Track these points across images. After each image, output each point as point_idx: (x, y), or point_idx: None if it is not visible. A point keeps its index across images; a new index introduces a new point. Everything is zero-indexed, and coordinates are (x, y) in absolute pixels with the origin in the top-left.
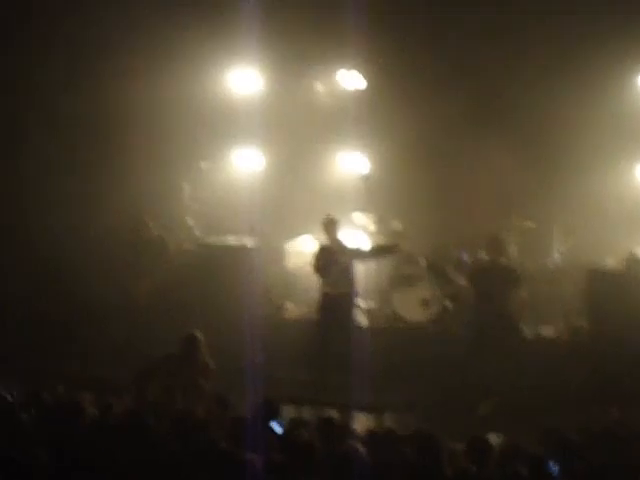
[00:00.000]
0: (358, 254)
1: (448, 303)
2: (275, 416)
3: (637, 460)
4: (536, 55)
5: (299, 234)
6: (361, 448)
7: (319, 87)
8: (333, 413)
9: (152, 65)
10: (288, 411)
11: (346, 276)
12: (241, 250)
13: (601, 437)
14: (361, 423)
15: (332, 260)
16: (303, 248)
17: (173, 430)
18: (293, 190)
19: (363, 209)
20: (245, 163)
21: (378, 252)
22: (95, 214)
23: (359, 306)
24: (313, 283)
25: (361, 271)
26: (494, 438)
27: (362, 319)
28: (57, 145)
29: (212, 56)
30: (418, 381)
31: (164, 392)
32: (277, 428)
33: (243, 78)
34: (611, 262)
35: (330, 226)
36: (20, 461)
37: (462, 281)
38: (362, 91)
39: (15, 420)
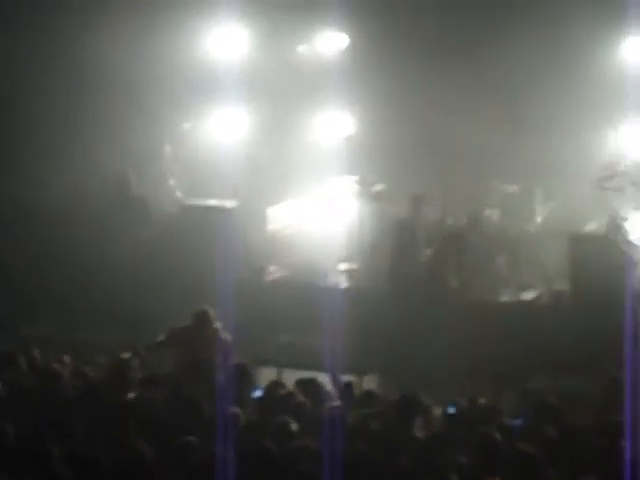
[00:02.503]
0: None
1: None
2: (248, 379)
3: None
4: (517, 19)
5: (282, 197)
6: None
7: (303, 48)
8: (313, 375)
9: (136, 23)
10: (267, 374)
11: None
12: (222, 211)
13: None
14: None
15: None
16: (285, 211)
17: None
18: (277, 153)
19: (346, 172)
20: (229, 125)
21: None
22: (78, 170)
23: (341, 267)
24: (294, 247)
25: (342, 231)
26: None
27: (342, 280)
28: (42, 100)
29: (196, 16)
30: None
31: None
32: (257, 392)
33: (227, 38)
34: (592, 226)
35: (417, 201)
36: None
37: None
38: (346, 52)
39: None
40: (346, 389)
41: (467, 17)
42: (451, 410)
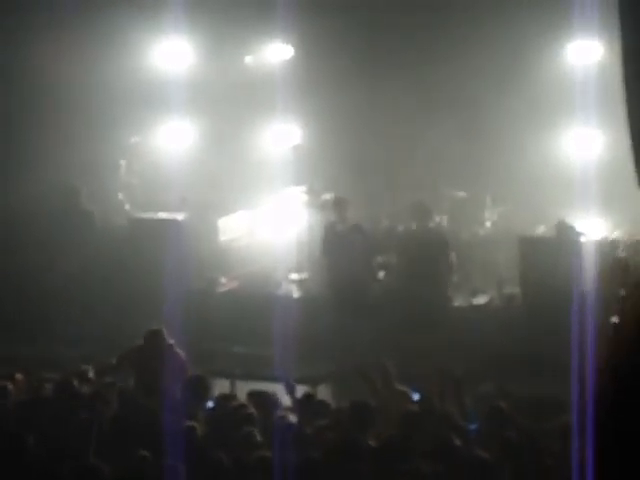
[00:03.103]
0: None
1: (380, 273)
2: (204, 391)
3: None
4: (463, 25)
5: (233, 208)
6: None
7: (249, 60)
8: (265, 386)
9: (82, 39)
10: (221, 385)
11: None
12: (172, 224)
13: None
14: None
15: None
16: (236, 222)
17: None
18: (225, 164)
19: (294, 182)
20: (176, 137)
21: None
22: (25, 185)
23: (292, 277)
24: (246, 258)
25: (293, 241)
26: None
27: (294, 290)
28: None
29: (141, 30)
30: (349, 352)
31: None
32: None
33: (173, 52)
34: (542, 229)
35: (339, 205)
36: None
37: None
38: (292, 63)
39: None
40: (306, 400)
41: (413, 24)
42: (415, 397)
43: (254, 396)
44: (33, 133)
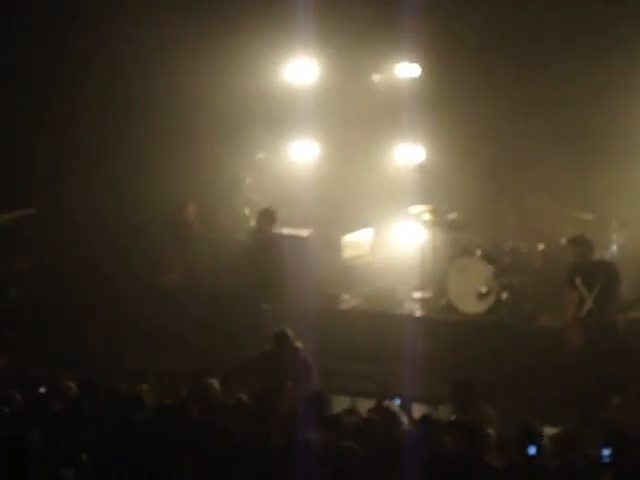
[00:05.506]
0: None
1: (504, 294)
2: (326, 407)
3: None
4: (583, 48)
5: (356, 225)
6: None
7: (376, 78)
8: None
9: (210, 57)
10: (342, 402)
11: None
12: (297, 240)
13: None
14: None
15: None
16: (360, 240)
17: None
18: (350, 182)
19: (420, 201)
20: (302, 154)
21: None
22: (155, 202)
23: (414, 296)
24: (369, 275)
25: (416, 262)
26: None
27: (416, 309)
28: (116, 131)
29: (269, 47)
30: (471, 372)
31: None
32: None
33: (300, 69)
34: None
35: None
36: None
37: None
38: (419, 83)
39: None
40: (423, 420)
41: (544, 43)
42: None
43: (377, 411)
44: (161, 146)
